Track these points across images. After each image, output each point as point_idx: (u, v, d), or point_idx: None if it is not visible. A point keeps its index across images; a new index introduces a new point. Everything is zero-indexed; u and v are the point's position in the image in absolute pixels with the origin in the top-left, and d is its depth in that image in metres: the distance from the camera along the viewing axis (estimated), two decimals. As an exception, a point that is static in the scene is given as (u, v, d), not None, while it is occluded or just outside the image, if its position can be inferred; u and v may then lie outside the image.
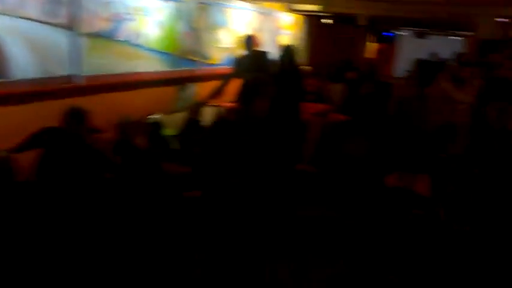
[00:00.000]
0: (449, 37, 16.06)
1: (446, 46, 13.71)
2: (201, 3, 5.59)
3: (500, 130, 2.11)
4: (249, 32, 5.61)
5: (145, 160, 3.80)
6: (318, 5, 6.81)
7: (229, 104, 5.54)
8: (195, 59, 5.70)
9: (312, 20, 9.52)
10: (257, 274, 2.55)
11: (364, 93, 6.88)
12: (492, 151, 2.11)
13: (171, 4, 5.00)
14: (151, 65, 4.81)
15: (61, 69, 3.80)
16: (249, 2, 6.85)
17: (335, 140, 6.21)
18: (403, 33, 16.63)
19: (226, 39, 6.41)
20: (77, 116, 3.22)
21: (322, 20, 9.15)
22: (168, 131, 4.84)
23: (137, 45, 4.56)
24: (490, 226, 2.23)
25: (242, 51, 5.68)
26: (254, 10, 7.14)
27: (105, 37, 4.20)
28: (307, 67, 8.94)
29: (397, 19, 11.57)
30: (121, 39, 4.38)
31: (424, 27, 13.87)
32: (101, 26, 4.13)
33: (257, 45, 5.22)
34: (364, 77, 7.21)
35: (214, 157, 2.48)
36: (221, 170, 2.44)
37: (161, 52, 4.93)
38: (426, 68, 4.27)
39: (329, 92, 8.55)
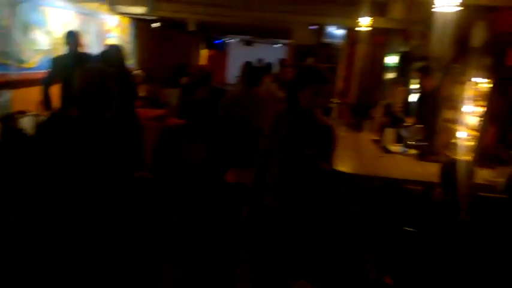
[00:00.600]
0: (273, 45, 17.53)
1: (271, 53, 14.91)
2: (8, -2, 4.93)
3: (309, 110, 2.32)
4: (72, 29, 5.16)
5: None
6: (144, 6, 6.65)
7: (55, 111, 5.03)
8: (6, 62, 5.00)
9: (140, 23, 9.30)
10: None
11: (199, 98, 7.11)
12: (307, 131, 2.31)
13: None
14: None
15: None
16: (69, 1, 6.33)
17: (173, 144, 6.19)
18: (233, 41, 17.52)
19: (45, 41, 5.80)
20: None
21: (152, 25, 9.00)
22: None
23: None
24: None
25: (62, 51, 5.24)
26: (75, 10, 6.62)
27: None
28: (138, 71, 8.71)
29: (226, 26, 12.11)
30: None
31: (251, 35, 14.81)
32: None
33: (80, 44, 4.84)
34: (198, 83, 7.42)
35: (40, 166, 2.12)
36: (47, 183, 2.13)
37: (-42, 53, 4.18)
38: (253, 71, 4.51)
39: (165, 97, 8.52)
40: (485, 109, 4.60)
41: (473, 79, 4.87)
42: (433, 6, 3.53)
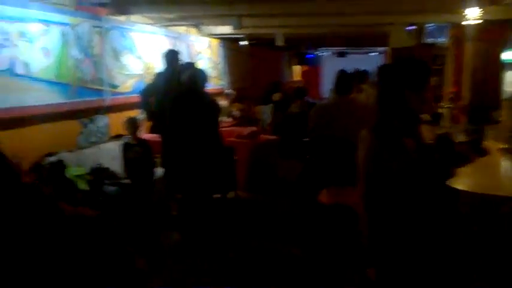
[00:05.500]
0: (368, 53, 16.69)
1: (367, 62, 14.15)
2: (97, 26, 5.08)
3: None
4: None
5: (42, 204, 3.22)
6: (229, 25, 6.51)
7: (150, 136, 5.08)
8: (99, 88, 5.15)
9: (229, 43, 9.33)
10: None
11: (292, 113, 6.85)
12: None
13: (60, 28, 4.44)
14: (41, 98, 4.19)
15: None
16: (154, 24, 6.45)
17: (266, 160, 5.99)
18: (325, 54, 17.05)
19: (136, 66, 5.95)
20: None
21: (240, 43, 8.97)
22: (75, 170, 4.26)
23: (21, 76, 3.94)
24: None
25: (153, 75, 5.40)
26: (165, 34, 6.75)
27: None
28: (230, 91, 8.76)
29: (316, 38, 11.75)
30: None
31: (344, 45, 14.25)
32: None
33: (178, 62, 4.97)
34: (291, 98, 7.20)
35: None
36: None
37: (53, 82, 4.34)
38: (344, 78, 4.05)
39: (258, 114, 8.45)
40: None
41: None
42: None
